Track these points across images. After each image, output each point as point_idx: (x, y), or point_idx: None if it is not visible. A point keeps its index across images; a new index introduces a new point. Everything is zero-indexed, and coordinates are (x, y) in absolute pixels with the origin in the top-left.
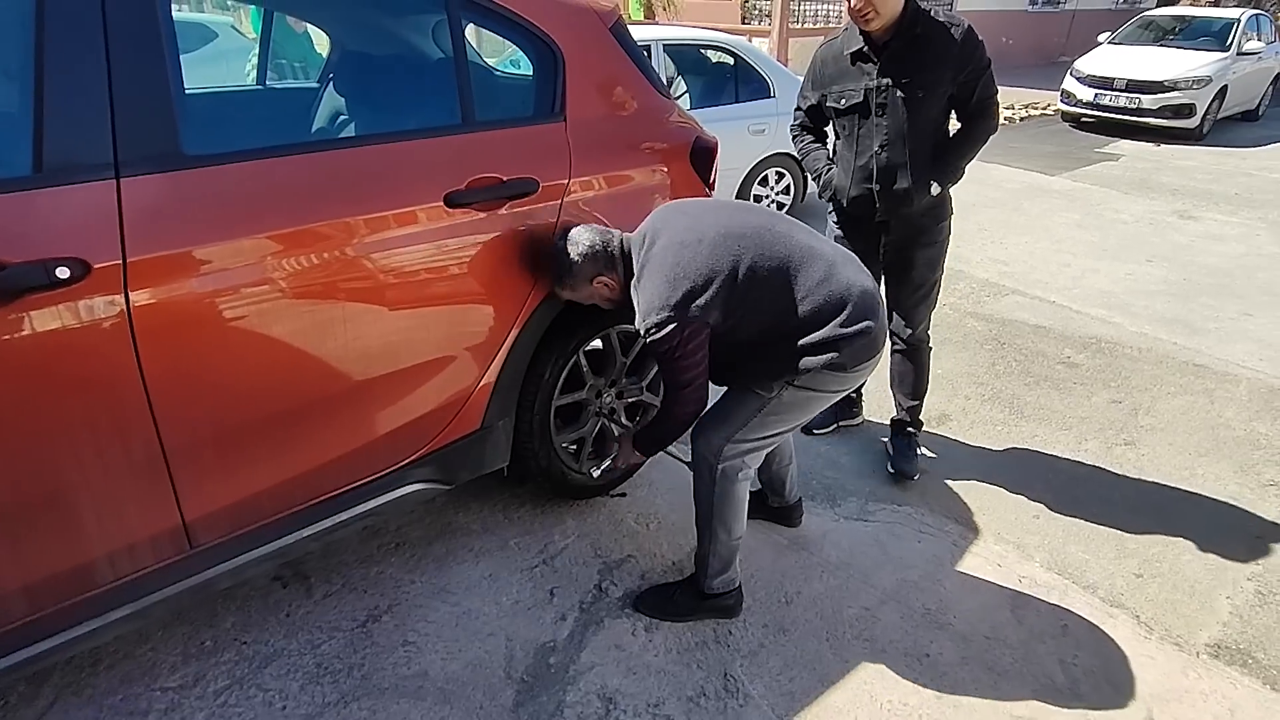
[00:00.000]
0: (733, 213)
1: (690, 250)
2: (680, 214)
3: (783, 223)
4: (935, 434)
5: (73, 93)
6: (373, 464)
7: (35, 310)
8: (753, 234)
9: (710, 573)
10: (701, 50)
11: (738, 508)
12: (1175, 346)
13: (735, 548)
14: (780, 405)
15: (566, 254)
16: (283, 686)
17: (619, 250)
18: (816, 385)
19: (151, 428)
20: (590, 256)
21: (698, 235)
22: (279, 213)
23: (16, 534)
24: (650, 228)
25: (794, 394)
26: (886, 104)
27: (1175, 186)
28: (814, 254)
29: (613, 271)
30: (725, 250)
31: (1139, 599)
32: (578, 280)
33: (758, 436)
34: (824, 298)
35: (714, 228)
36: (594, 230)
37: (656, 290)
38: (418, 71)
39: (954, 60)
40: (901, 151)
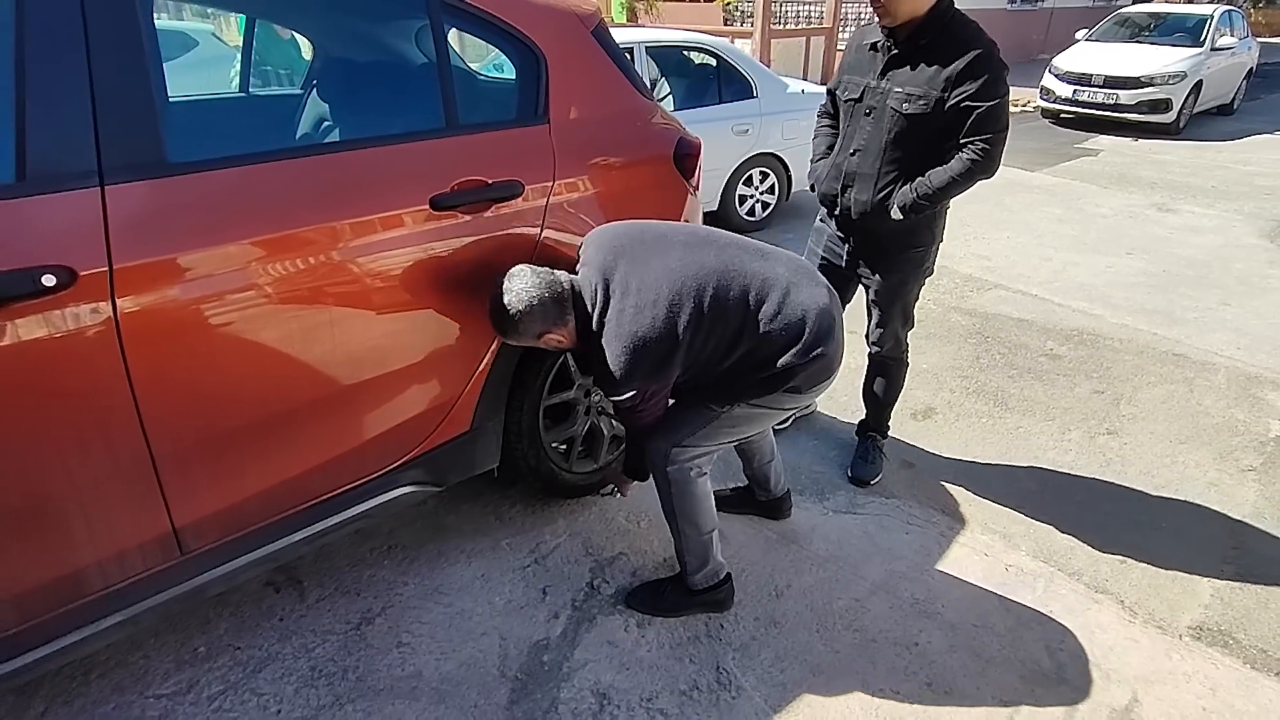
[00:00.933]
0: (683, 254)
1: (646, 316)
2: (629, 261)
3: (735, 251)
4: (920, 428)
5: (55, 100)
6: (363, 467)
7: (22, 318)
8: (707, 277)
9: (690, 568)
10: (684, 52)
11: (699, 504)
12: (1155, 337)
13: (707, 542)
14: (731, 419)
15: (512, 308)
16: (277, 690)
17: (568, 298)
18: (772, 404)
19: (140, 434)
20: (537, 312)
21: (653, 295)
22: (265, 218)
23: (5, 543)
24: (600, 274)
25: (746, 410)
26: (877, 106)
27: (1153, 180)
28: (768, 284)
29: (562, 326)
30: (681, 306)
31: (1123, 584)
32: (524, 336)
33: (707, 444)
34: (781, 329)
35: (666, 280)
36: (539, 279)
37: (616, 360)
38: (401, 76)
39: (951, 80)
40: (873, 161)
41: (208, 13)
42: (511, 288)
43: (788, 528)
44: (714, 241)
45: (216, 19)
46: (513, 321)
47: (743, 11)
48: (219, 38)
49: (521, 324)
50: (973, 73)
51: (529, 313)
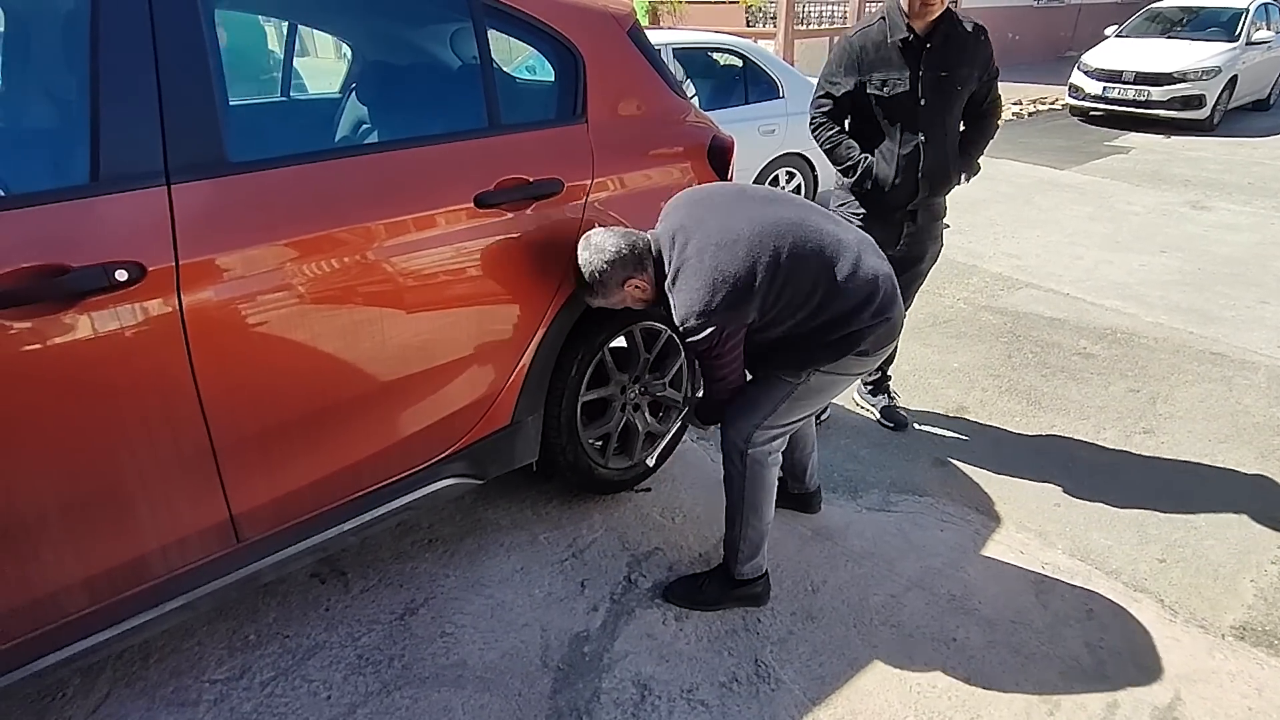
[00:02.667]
0: (762, 206)
1: (727, 252)
2: (708, 210)
3: (811, 213)
4: (953, 426)
5: (126, 105)
6: (408, 459)
7: (96, 311)
8: (786, 228)
9: (741, 558)
10: (710, 53)
11: (768, 492)
12: (1192, 335)
13: (764, 533)
14: (807, 390)
15: (593, 261)
16: (326, 677)
17: (648, 250)
18: (841, 370)
19: (202, 424)
20: (619, 261)
21: (733, 235)
22: (318, 216)
23: (78, 528)
24: (679, 225)
25: (820, 379)
26: (930, 95)
27: (1187, 177)
28: (842, 245)
29: (644, 273)
30: (761, 250)
31: (1162, 583)
32: (608, 287)
33: (785, 422)
34: (853, 290)
35: (747, 226)
36: (618, 233)
37: (695, 294)
38: (445, 77)
39: (981, 60)
40: (943, 142)
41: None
42: (592, 243)
43: (821, 524)
44: (790, 200)
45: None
46: (599, 273)
47: (765, 12)
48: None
49: (608, 273)
50: (990, 49)
51: (614, 261)
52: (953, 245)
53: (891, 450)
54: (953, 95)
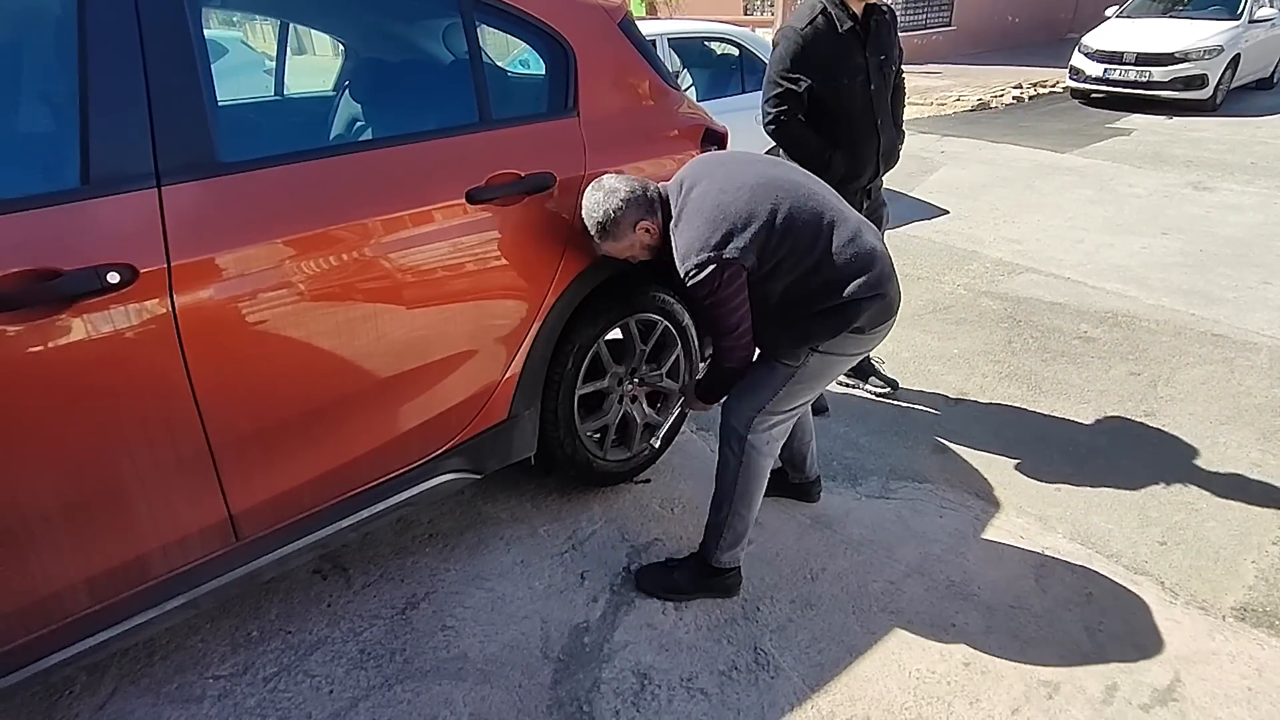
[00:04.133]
0: (769, 165)
1: (729, 195)
2: (717, 164)
3: (816, 182)
4: (953, 412)
5: (114, 107)
6: (406, 455)
7: (89, 314)
8: (790, 186)
9: (721, 546)
10: (706, 42)
11: (760, 482)
12: (1193, 317)
13: (749, 524)
14: (806, 373)
15: (607, 202)
16: (329, 672)
17: (658, 195)
18: (839, 349)
19: (198, 425)
20: (632, 202)
21: (737, 183)
22: (310, 215)
23: (78, 529)
24: (687, 175)
25: (819, 360)
26: (877, 79)
27: (1189, 158)
28: (843, 214)
29: (654, 216)
30: (764, 197)
31: (1163, 566)
32: (621, 228)
33: (786, 408)
34: (851, 256)
35: (753, 176)
36: (627, 178)
37: (696, 231)
38: (435, 73)
39: (898, 39)
40: (889, 122)
41: (234, 20)
42: (604, 185)
43: (820, 512)
44: (794, 167)
45: (244, 25)
46: (613, 212)
47: (763, 1)
48: (247, 44)
49: (623, 211)
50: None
51: (628, 200)
52: (952, 231)
53: (891, 437)
54: (890, 76)
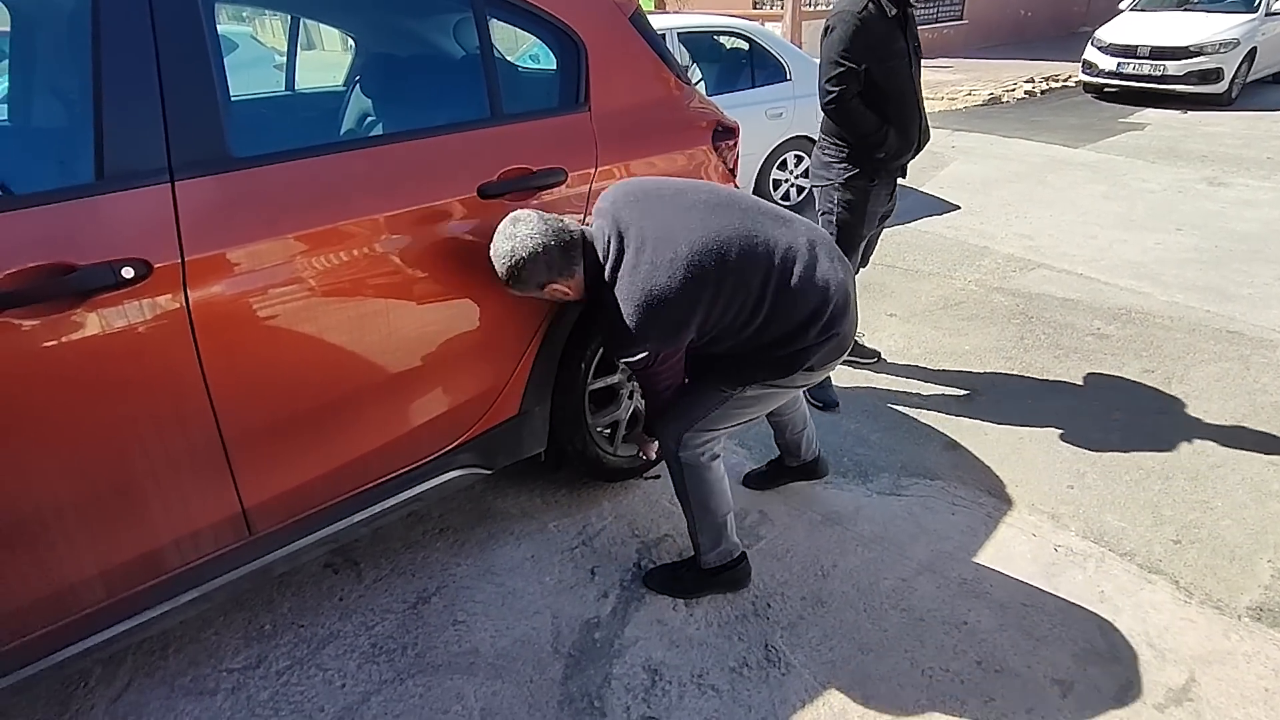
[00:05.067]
0: (704, 215)
1: (663, 275)
2: (647, 216)
3: (758, 219)
4: (964, 409)
5: (128, 103)
6: (418, 451)
7: (104, 309)
8: (729, 242)
9: (703, 549)
10: (716, 36)
11: (712, 488)
12: (1208, 314)
13: (721, 524)
14: (744, 400)
15: (512, 254)
16: (341, 666)
17: (578, 246)
18: (784, 384)
19: (212, 419)
20: (543, 261)
21: (669, 253)
22: (322, 210)
23: (93, 523)
24: (614, 225)
25: (759, 390)
26: (914, 61)
27: (1204, 153)
28: (791, 255)
29: (569, 275)
30: (701, 271)
31: (1177, 564)
32: (525, 285)
33: (719, 427)
34: (800, 306)
35: (687, 238)
36: (548, 229)
37: (628, 319)
38: (447, 68)
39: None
40: (923, 102)
41: (244, 15)
42: (516, 232)
43: (831, 509)
44: (736, 203)
45: (253, 21)
46: (515, 266)
47: None
48: (257, 39)
49: (524, 270)
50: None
51: (532, 260)
52: (964, 226)
53: (902, 434)
54: (919, 59)
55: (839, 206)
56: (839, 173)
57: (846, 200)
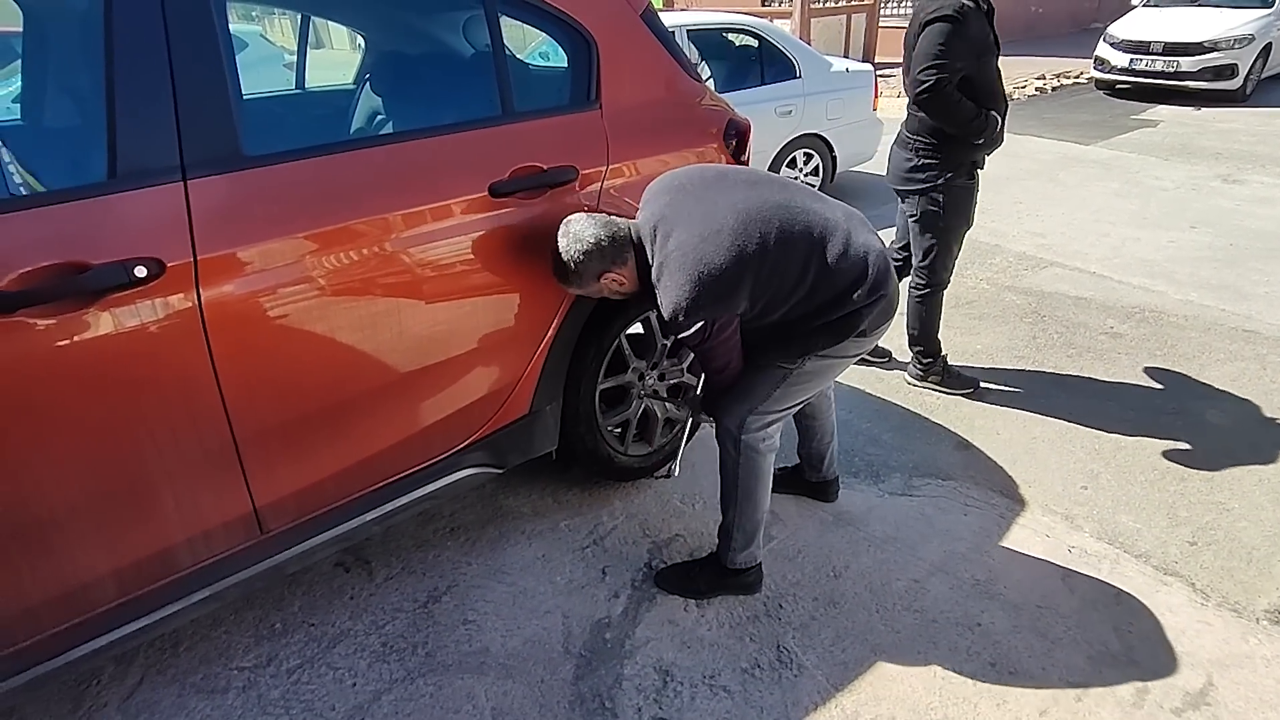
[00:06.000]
0: (746, 190)
1: (711, 244)
2: (689, 198)
3: (796, 193)
4: (976, 409)
5: (140, 102)
6: (429, 449)
7: (117, 308)
8: (771, 213)
9: (735, 546)
10: (725, 34)
11: (762, 481)
12: (1223, 313)
13: (759, 522)
14: (803, 375)
15: (570, 250)
16: (352, 664)
17: (628, 241)
18: (839, 353)
19: (224, 418)
20: (596, 253)
21: (716, 225)
22: (334, 208)
23: (106, 522)
24: (660, 215)
25: (817, 363)
26: (999, 53)
27: (1218, 150)
28: (830, 225)
29: (623, 266)
30: (747, 238)
31: (1193, 566)
32: (584, 278)
33: (781, 407)
34: (845, 270)
35: (730, 213)
36: (599, 222)
37: (681, 291)
38: (458, 66)
39: None
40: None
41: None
42: (570, 231)
43: (843, 509)
44: (774, 181)
45: (263, 20)
46: (573, 263)
47: None
48: (266, 38)
49: (583, 265)
50: None
51: (589, 252)
52: (975, 224)
53: (914, 434)
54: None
55: (943, 210)
56: (934, 175)
57: (950, 202)
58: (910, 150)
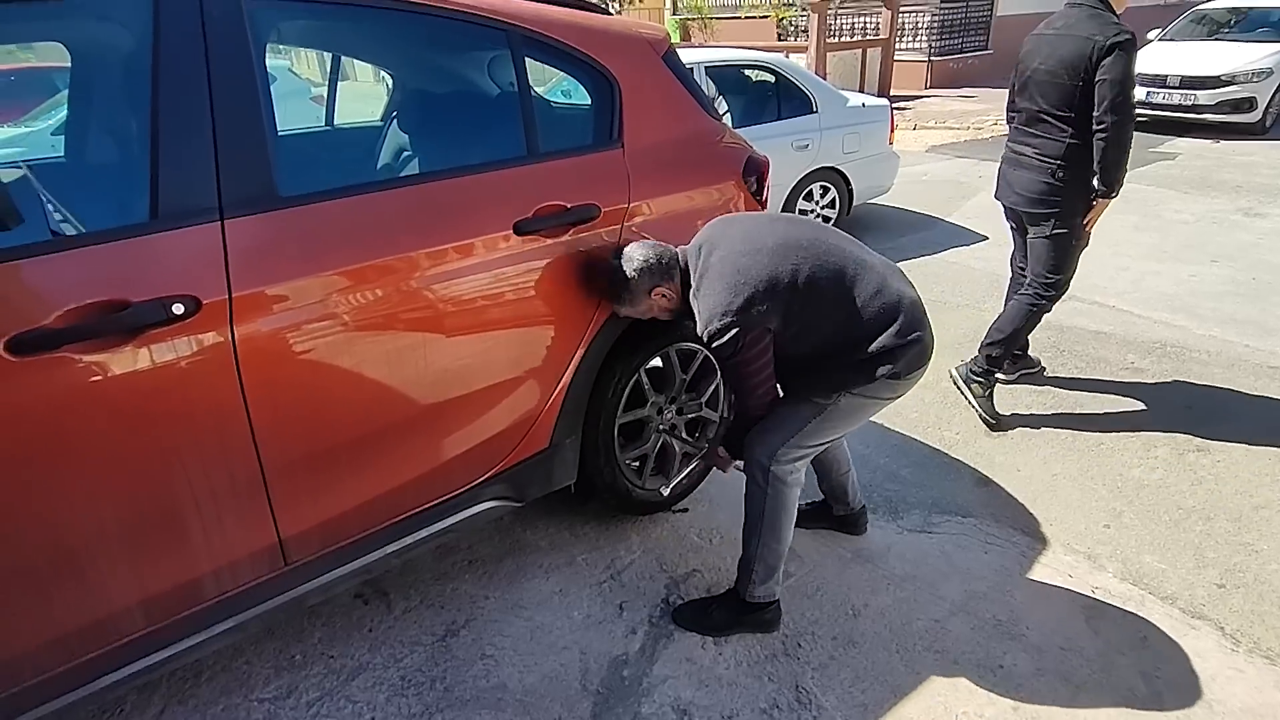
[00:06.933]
0: (787, 226)
1: (749, 259)
2: (735, 226)
3: (835, 235)
4: (996, 444)
5: (183, 145)
6: (450, 483)
7: (155, 344)
8: (809, 245)
9: (755, 580)
10: (743, 70)
11: (788, 513)
12: (1247, 349)
13: (781, 556)
14: (836, 412)
15: (623, 270)
16: (370, 698)
17: (675, 262)
18: (873, 394)
19: (253, 451)
20: (646, 270)
21: (756, 245)
22: (364, 247)
23: (138, 552)
24: (706, 239)
25: (850, 401)
26: None
27: (1238, 183)
28: (866, 266)
29: (670, 282)
30: (784, 259)
31: (1222, 610)
32: (636, 294)
33: (812, 442)
34: (879, 308)
35: (771, 238)
36: (647, 245)
37: (718, 297)
38: (485, 107)
39: None
40: None
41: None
42: (626, 254)
43: (862, 546)
44: (817, 224)
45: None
46: (628, 279)
47: (796, 26)
48: (294, 72)
49: (637, 280)
50: None
51: (642, 269)
52: (993, 257)
53: (933, 469)
54: None
55: (1076, 231)
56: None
57: (1081, 223)
58: (1047, 174)
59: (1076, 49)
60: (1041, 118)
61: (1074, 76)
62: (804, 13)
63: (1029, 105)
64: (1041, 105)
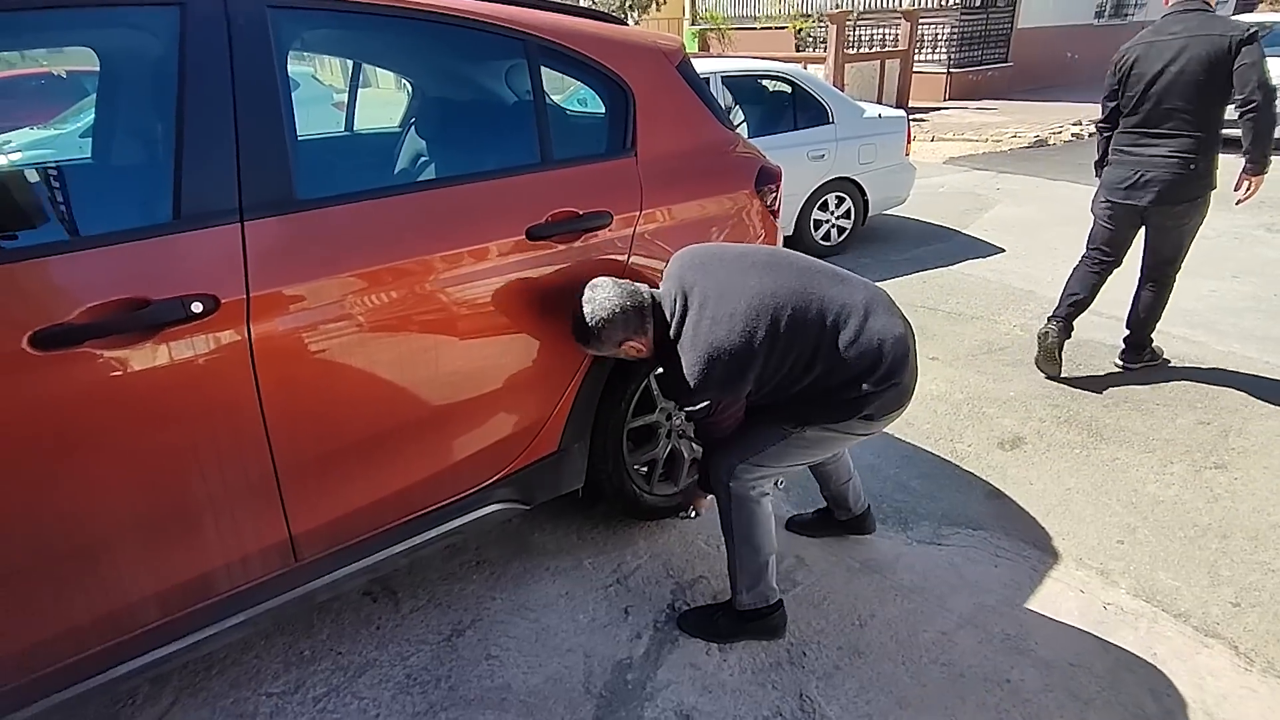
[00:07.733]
0: (763, 272)
1: (724, 327)
2: (708, 275)
3: (814, 277)
4: (1009, 458)
5: (207, 148)
6: (459, 484)
7: (174, 341)
8: (785, 299)
9: (739, 586)
10: (759, 80)
11: (758, 524)
12: (1268, 365)
13: (763, 565)
14: (802, 441)
15: (595, 315)
16: (376, 695)
17: (649, 309)
18: (844, 430)
19: (266, 448)
20: (620, 322)
21: (730, 308)
22: (380, 249)
23: (153, 545)
24: (679, 288)
25: (818, 433)
26: None
27: (1261, 198)
28: (846, 310)
29: (642, 334)
30: (758, 323)
31: (1236, 629)
32: (604, 344)
33: (775, 464)
34: (857, 355)
35: (746, 296)
36: (624, 290)
37: (690, 370)
38: (501, 114)
39: None
40: None
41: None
42: (595, 297)
43: (870, 556)
44: (793, 264)
45: (313, 61)
46: (595, 329)
47: (815, 37)
48: (317, 79)
49: (604, 331)
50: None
51: (611, 320)
52: (1008, 270)
53: (943, 481)
54: None
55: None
56: (1207, 185)
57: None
58: (1187, 167)
59: (1214, 46)
60: (1172, 116)
61: (1213, 73)
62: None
63: (1153, 108)
64: (1176, 105)
